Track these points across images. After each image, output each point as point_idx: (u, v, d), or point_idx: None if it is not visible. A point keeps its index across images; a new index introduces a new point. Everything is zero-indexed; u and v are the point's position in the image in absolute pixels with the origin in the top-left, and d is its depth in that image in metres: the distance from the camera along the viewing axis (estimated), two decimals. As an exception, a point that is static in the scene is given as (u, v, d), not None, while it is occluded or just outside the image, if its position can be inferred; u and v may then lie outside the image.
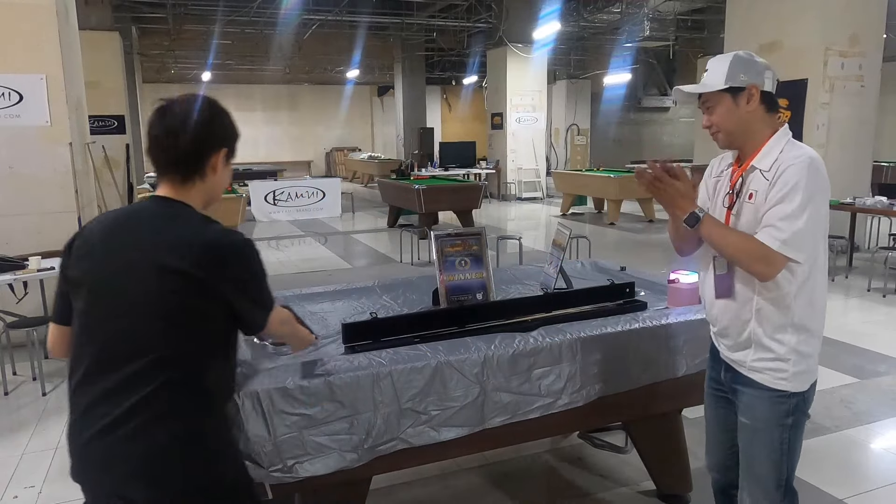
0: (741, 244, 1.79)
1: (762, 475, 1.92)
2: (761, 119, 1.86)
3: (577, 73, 21.67)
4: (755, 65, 1.84)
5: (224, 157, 1.58)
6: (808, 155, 1.81)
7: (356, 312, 2.87)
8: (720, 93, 1.83)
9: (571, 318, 2.57)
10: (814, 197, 1.78)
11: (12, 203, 4.97)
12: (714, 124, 1.88)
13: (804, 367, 1.85)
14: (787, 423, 1.87)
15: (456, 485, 3.03)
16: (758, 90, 1.83)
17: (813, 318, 1.86)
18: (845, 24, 7.80)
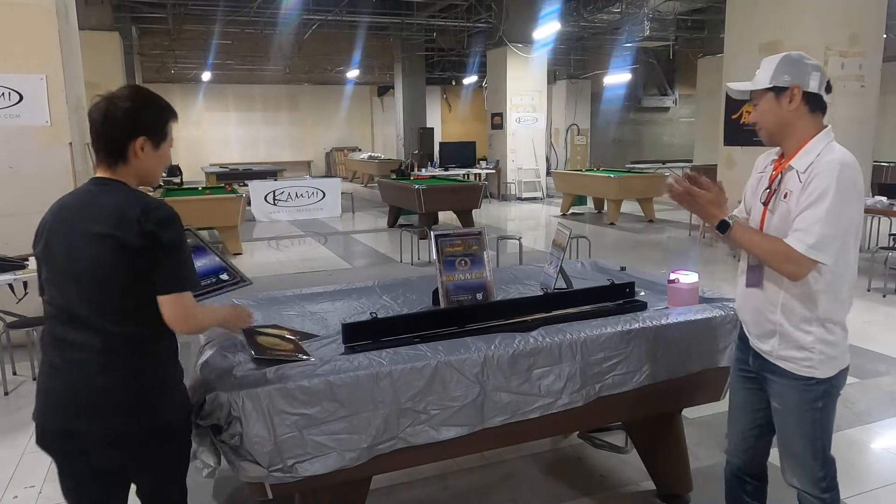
0: (770, 247, 1.89)
1: (798, 452, 2.03)
2: (803, 119, 1.94)
3: (577, 73, 21.67)
4: (802, 66, 1.92)
5: (144, 144, 1.77)
6: (840, 161, 1.85)
7: (356, 312, 2.87)
8: (764, 91, 1.93)
9: (571, 318, 2.57)
10: (842, 202, 1.82)
11: (12, 203, 4.97)
12: (756, 121, 1.98)
13: (830, 354, 1.93)
14: (817, 406, 1.96)
15: (456, 485, 3.03)
16: (800, 90, 1.91)
17: (838, 312, 1.94)
18: (845, 24, 7.79)
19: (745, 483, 2.25)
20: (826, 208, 1.80)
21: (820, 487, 2.03)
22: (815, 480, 2.03)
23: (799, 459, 2.04)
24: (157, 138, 1.80)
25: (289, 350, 2.26)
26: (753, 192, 2.13)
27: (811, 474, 2.03)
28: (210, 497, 2.95)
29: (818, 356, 1.92)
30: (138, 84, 1.77)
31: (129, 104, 1.75)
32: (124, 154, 1.76)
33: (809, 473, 2.03)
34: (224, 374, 2.05)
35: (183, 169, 16.36)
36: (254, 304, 2.96)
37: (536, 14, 13.72)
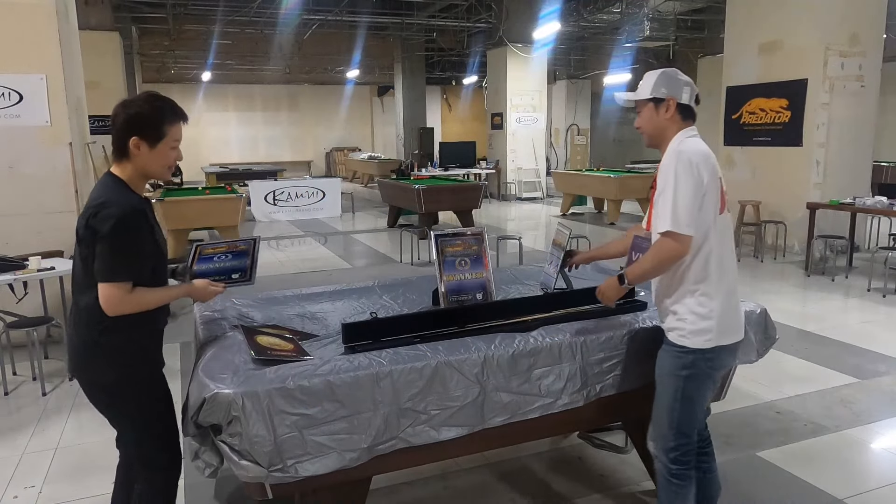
0: (652, 259, 2.16)
1: (659, 417, 2.27)
2: (676, 125, 2.22)
3: (577, 73, 21.66)
4: (676, 81, 2.22)
5: (139, 143, 2.02)
6: (678, 149, 2.15)
7: (356, 312, 2.87)
8: (646, 101, 2.24)
9: (571, 318, 2.57)
10: (682, 180, 2.08)
11: (12, 203, 4.97)
12: (640, 126, 2.30)
13: (702, 326, 2.15)
14: (681, 374, 2.18)
15: (456, 485, 3.03)
16: (675, 102, 2.20)
17: (708, 283, 2.15)
18: (845, 24, 7.80)
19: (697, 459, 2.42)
20: (672, 189, 2.08)
21: (669, 457, 2.25)
22: (667, 450, 2.25)
23: (658, 425, 2.27)
24: (152, 138, 2.02)
25: (288, 350, 2.26)
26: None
27: (664, 442, 2.25)
28: (210, 497, 2.95)
29: (689, 326, 2.15)
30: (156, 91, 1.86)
31: (133, 107, 2.01)
32: (125, 151, 2.04)
33: (662, 441, 2.26)
34: (224, 374, 2.05)
35: (183, 169, 16.32)
36: (254, 304, 2.96)
37: (536, 14, 13.71)
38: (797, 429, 3.56)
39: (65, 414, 3.87)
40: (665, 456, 2.25)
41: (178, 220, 8.48)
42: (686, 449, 2.25)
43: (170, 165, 2.10)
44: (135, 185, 2.09)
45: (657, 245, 2.14)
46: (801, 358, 4.64)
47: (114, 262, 1.95)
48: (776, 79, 8.29)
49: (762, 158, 8.60)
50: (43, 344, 4.66)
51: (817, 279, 7.08)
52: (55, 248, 4.93)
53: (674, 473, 2.25)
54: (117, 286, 1.96)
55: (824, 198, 7.68)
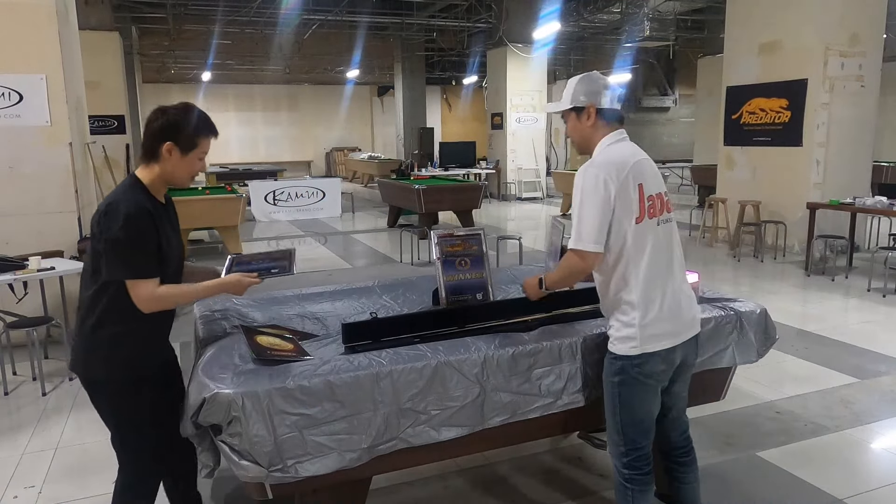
0: (561, 268, 2.24)
1: (608, 422, 2.28)
2: (599, 131, 2.21)
3: (577, 73, 21.58)
4: (595, 86, 2.20)
5: (172, 149, 2.07)
6: (588, 163, 2.16)
7: (356, 312, 2.87)
8: (568, 110, 2.24)
9: (571, 318, 2.57)
10: (586, 196, 2.10)
11: (12, 203, 4.97)
12: (569, 135, 2.31)
13: (626, 333, 2.15)
14: (614, 380, 2.20)
15: (456, 485, 3.03)
16: (594, 108, 2.18)
17: (629, 292, 2.14)
18: (845, 24, 7.80)
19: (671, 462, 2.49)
20: (578, 207, 2.12)
21: (622, 462, 2.25)
22: (619, 454, 2.25)
23: (608, 429, 2.28)
24: (185, 146, 2.09)
25: (289, 350, 2.26)
26: None
27: (615, 447, 2.27)
28: (210, 497, 2.95)
29: (615, 333, 2.18)
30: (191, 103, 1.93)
31: (171, 114, 2.08)
32: (156, 154, 2.09)
33: (614, 446, 2.27)
34: (224, 374, 2.05)
35: (183, 169, 16.33)
36: (254, 303, 2.96)
37: (536, 14, 13.71)
38: (797, 429, 3.56)
39: (65, 414, 3.87)
40: (618, 461, 2.26)
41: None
42: (637, 454, 2.23)
43: (193, 174, 2.16)
44: (155, 190, 2.13)
45: (565, 259, 2.19)
46: (801, 358, 4.64)
47: (132, 260, 1.99)
48: (776, 79, 8.29)
49: (762, 158, 8.60)
50: (43, 344, 4.66)
51: (817, 279, 7.08)
52: (55, 248, 4.93)
53: (626, 478, 2.24)
54: (144, 283, 2.00)
55: (824, 198, 7.68)
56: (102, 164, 8.71)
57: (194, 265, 2.45)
